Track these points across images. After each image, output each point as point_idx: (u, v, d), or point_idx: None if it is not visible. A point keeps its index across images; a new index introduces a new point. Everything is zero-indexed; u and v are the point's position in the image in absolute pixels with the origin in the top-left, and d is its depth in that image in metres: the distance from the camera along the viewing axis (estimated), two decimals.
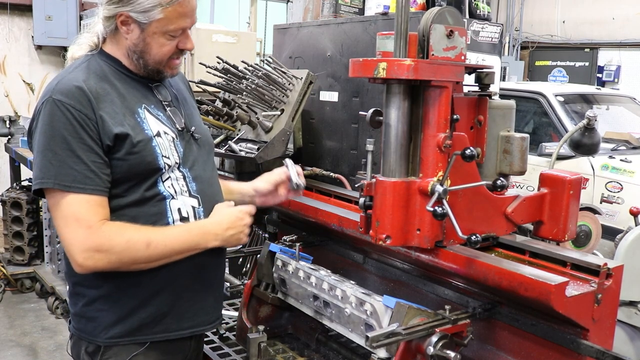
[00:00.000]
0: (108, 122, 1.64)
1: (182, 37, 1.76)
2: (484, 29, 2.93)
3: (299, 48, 3.40)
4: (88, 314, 1.75)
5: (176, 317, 1.79)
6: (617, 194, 4.79)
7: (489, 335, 1.78)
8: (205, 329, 1.90)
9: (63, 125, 1.60)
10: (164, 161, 1.72)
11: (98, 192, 1.62)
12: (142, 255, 1.65)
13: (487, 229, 1.74)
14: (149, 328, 1.75)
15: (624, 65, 10.74)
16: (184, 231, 1.73)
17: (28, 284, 5.58)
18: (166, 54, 1.74)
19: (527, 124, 5.90)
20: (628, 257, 2.50)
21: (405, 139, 1.63)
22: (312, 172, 3.12)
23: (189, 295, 1.81)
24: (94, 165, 1.62)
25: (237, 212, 1.81)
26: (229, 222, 1.79)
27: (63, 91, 1.63)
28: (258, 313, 2.27)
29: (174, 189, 1.76)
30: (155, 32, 1.70)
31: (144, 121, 1.72)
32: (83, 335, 1.76)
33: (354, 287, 1.85)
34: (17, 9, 7.49)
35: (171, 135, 1.78)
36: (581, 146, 3.52)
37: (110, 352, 1.73)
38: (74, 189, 1.59)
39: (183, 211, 1.76)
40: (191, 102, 2.01)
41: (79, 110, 1.61)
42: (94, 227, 1.60)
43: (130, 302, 1.73)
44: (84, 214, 1.60)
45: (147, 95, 1.79)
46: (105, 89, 1.69)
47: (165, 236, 1.68)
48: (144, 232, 1.65)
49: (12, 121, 6.65)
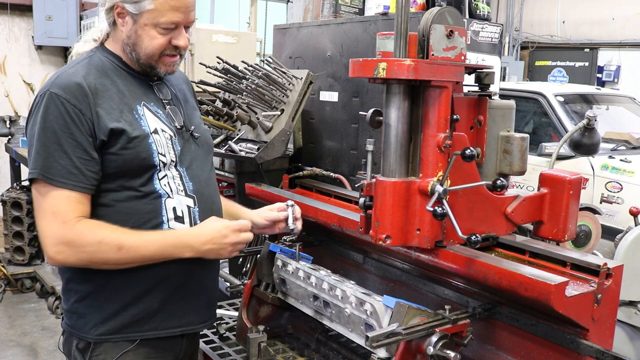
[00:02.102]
0: (104, 117, 1.65)
1: (175, 33, 1.74)
2: (484, 29, 2.93)
3: (299, 48, 3.40)
4: (79, 310, 1.76)
5: (167, 315, 1.79)
6: (617, 194, 4.79)
7: (489, 335, 1.78)
8: (196, 329, 1.89)
9: (55, 119, 1.62)
10: (159, 158, 1.72)
11: (79, 188, 1.63)
12: (113, 258, 1.65)
13: (487, 229, 1.74)
14: (139, 325, 1.75)
15: (624, 66, 10.74)
16: (159, 239, 1.70)
17: (28, 284, 5.58)
18: (157, 47, 1.73)
19: (527, 124, 5.90)
20: (628, 257, 2.51)
21: (405, 139, 1.63)
22: (312, 172, 3.12)
23: (180, 294, 1.80)
24: (80, 161, 1.63)
25: (220, 228, 1.75)
26: (209, 238, 1.74)
27: (61, 85, 1.65)
28: (258, 313, 2.27)
29: (170, 188, 1.76)
30: (147, 24, 1.70)
31: (141, 118, 1.73)
32: (74, 332, 1.77)
33: (354, 287, 1.85)
34: (17, 9, 7.49)
35: (169, 133, 1.78)
36: (581, 146, 3.52)
37: (100, 348, 1.74)
38: (56, 182, 1.62)
39: (178, 210, 1.76)
40: (192, 103, 2.01)
41: (74, 105, 1.63)
42: (68, 223, 1.62)
43: (121, 300, 1.73)
44: (62, 209, 1.62)
45: (147, 93, 1.80)
46: (105, 85, 1.70)
47: (138, 242, 1.66)
48: (117, 235, 1.64)
49: (12, 121, 6.64)
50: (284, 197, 2.41)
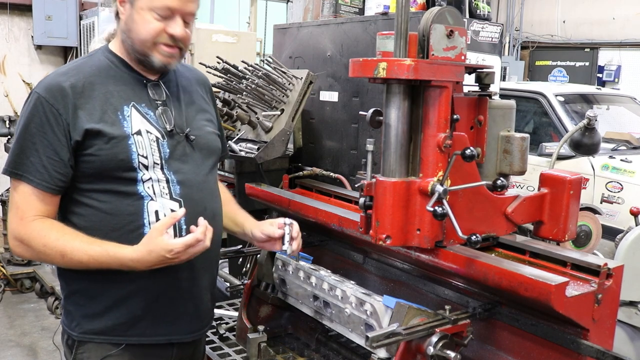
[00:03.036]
0: (82, 118, 1.67)
1: (171, 21, 1.72)
2: (484, 29, 2.93)
3: (299, 48, 3.40)
4: (67, 307, 1.80)
5: (151, 322, 1.77)
6: (618, 194, 4.79)
7: (489, 335, 1.78)
8: (183, 338, 1.85)
9: (32, 118, 1.67)
10: (139, 160, 1.71)
11: (43, 187, 1.66)
12: (58, 262, 1.69)
13: (487, 229, 1.74)
14: (123, 330, 1.75)
15: (624, 65, 10.73)
16: (103, 254, 1.64)
17: (28, 284, 5.58)
18: (150, 32, 1.71)
19: (527, 124, 5.90)
20: (628, 257, 2.50)
21: (405, 139, 1.63)
22: (312, 172, 3.12)
23: (164, 302, 1.78)
24: (48, 161, 1.65)
25: (164, 252, 1.60)
26: (153, 263, 1.63)
27: (45, 85, 1.69)
28: (258, 313, 2.27)
29: (153, 190, 1.73)
30: (142, 8, 1.70)
31: (126, 119, 1.72)
32: (65, 328, 1.81)
33: (354, 287, 1.85)
34: (17, 9, 7.49)
35: (155, 135, 1.75)
36: (581, 146, 3.52)
37: (84, 347, 1.75)
38: (23, 178, 1.66)
39: (160, 214, 1.73)
40: (201, 105, 1.94)
41: (52, 104, 1.66)
42: (25, 220, 1.66)
43: (104, 301, 1.74)
44: (23, 205, 1.67)
45: (139, 94, 1.78)
46: (93, 85, 1.71)
47: (82, 252, 1.64)
48: (63, 242, 1.64)
49: (12, 121, 6.64)
50: (284, 197, 2.41)
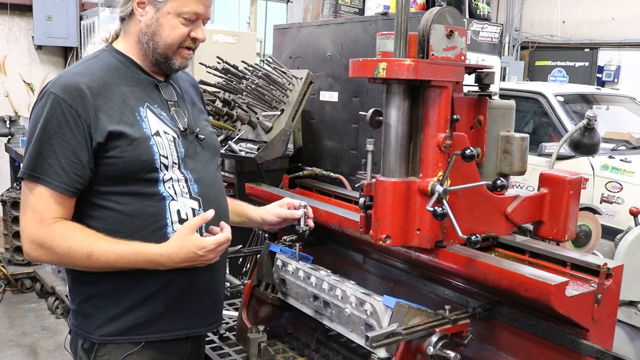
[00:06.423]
0: (103, 119, 1.65)
1: (195, 26, 1.76)
2: (484, 29, 2.93)
3: (299, 48, 3.40)
4: (84, 311, 1.76)
5: (172, 318, 1.78)
6: (617, 194, 4.79)
7: (489, 335, 1.78)
8: (201, 331, 1.89)
9: (49, 118, 1.63)
10: (160, 160, 1.72)
11: (62, 189, 1.63)
12: (83, 264, 1.66)
13: (487, 229, 1.74)
14: (144, 328, 1.75)
15: (624, 66, 10.74)
16: (130, 256, 1.65)
17: (28, 284, 5.58)
18: (177, 37, 1.74)
19: (527, 124, 5.90)
20: (628, 257, 2.50)
21: (405, 139, 1.63)
22: (312, 172, 3.12)
23: (185, 298, 1.80)
24: (67, 163, 1.63)
25: (195, 249, 1.67)
26: (182, 259, 1.68)
27: (61, 85, 1.65)
28: (258, 313, 2.27)
29: (174, 190, 1.75)
30: (170, 12, 1.72)
31: (144, 120, 1.72)
32: (79, 332, 1.78)
33: (354, 287, 1.85)
34: (17, 9, 7.49)
35: (172, 135, 1.77)
36: (581, 146, 3.52)
37: (105, 349, 1.74)
38: (41, 180, 1.63)
39: (182, 213, 1.76)
40: (199, 106, 2.00)
41: (71, 105, 1.63)
42: (44, 223, 1.63)
43: (126, 302, 1.73)
44: (41, 208, 1.63)
45: (151, 95, 1.79)
46: (108, 86, 1.70)
47: (109, 252, 1.64)
48: (89, 243, 1.63)
49: (12, 121, 6.65)
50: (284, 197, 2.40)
